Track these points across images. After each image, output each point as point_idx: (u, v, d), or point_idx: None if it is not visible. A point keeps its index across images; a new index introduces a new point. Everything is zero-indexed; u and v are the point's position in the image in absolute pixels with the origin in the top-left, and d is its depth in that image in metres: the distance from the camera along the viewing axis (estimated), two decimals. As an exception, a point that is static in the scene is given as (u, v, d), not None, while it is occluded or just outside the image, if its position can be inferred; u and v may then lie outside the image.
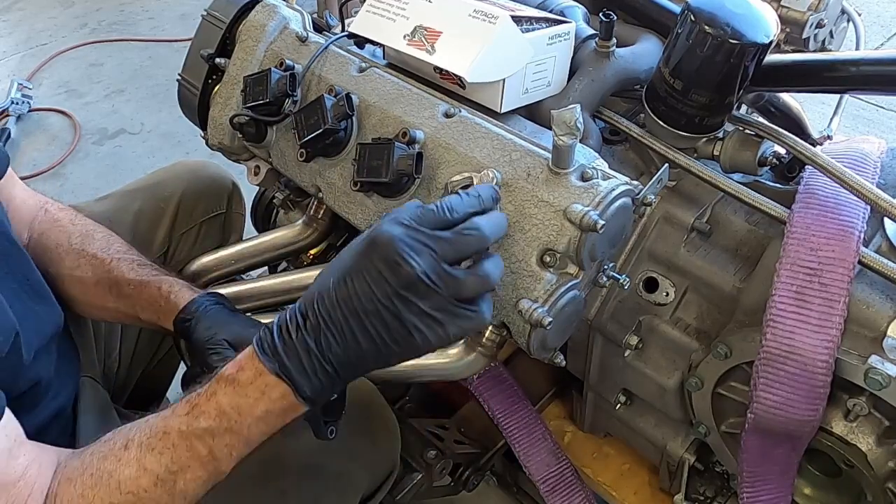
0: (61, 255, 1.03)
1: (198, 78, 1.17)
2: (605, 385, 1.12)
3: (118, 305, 1.01)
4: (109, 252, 1.03)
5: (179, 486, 0.71)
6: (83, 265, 1.02)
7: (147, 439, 0.71)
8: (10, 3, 3.72)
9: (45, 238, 1.04)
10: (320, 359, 0.67)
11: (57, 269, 1.02)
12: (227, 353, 0.87)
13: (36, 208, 1.07)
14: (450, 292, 0.65)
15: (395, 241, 0.64)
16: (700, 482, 1.11)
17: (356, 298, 0.65)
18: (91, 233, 1.06)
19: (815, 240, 0.82)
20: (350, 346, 0.66)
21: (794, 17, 1.17)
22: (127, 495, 0.70)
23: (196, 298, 0.96)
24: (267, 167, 1.14)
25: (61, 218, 1.07)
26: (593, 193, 0.77)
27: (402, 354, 0.68)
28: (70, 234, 1.04)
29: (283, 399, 0.69)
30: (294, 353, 0.67)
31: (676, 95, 0.89)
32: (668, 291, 1.00)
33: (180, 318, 0.95)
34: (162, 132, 2.79)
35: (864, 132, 2.54)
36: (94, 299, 1.02)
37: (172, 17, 3.57)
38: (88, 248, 1.03)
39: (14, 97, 2.83)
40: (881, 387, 0.77)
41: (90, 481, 0.70)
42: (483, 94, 0.92)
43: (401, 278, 0.64)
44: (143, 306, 0.99)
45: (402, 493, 1.20)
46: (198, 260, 1.19)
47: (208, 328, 0.92)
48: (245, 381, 0.69)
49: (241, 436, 0.70)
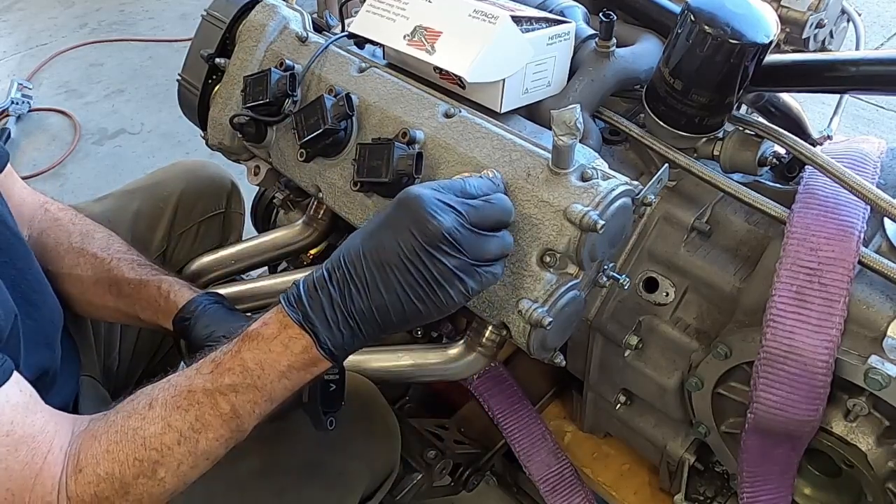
0: (61, 253, 1.03)
1: (198, 78, 1.17)
2: (605, 385, 1.12)
3: (118, 304, 1.01)
4: (109, 251, 1.03)
5: (202, 446, 0.72)
6: (83, 264, 1.02)
7: (172, 398, 0.72)
8: (10, 3, 3.72)
9: (45, 236, 1.04)
10: (343, 310, 0.68)
11: (56, 268, 1.02)
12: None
13: (36, 206, 1.07)
14: (473, 252, 0.68)
15: (424, 200, 0.67)
16: (700, 482, 1.11)
17: (383, 251, 0.67)
18: (91, 232, 1.06)
19: (815, 240, 0.82)
20: (374, 298, 0.68)
21: (794, 17, 1.17)
22: (151, 451, 0.71)
23: (195, 298, 0.97)
24: (267, 167, 1.14)
25: (61, 217, 1.07)
26: (593, 193, 0.77)
27: (423, 311, 0.69)
28: (70, 233, 1.05)
29: (305, 353, 0.70)
30: (318, 305, 0.69)
31: (676, 95, 0.89)
32: (668, 291, 1.00)
33: (179, 317, 0.95)
34: (162, 132, 2.79)
35: (864, 132, 2.55)
36: (93, 298, 1.02)
37: (172, 17, 3.57)
38: (88, 247, 1.03)
39: (14, 97, 2.83)
40: (881, 387, 0.77)
41: (115, 437, 0.71)
42: (483, 94, 0.92)
43: (427, 234, 0.66)
44: (142, 305, 1.00)
45: (402, 493, 1.20)
46: (198, 260, 1.20)
47: (206, 326, 0.93)
48: (269, 336, 0.71)
49: (264, 391, 0.71)
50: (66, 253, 1.03)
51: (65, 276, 1.03)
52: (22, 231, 1.03)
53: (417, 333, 1.07)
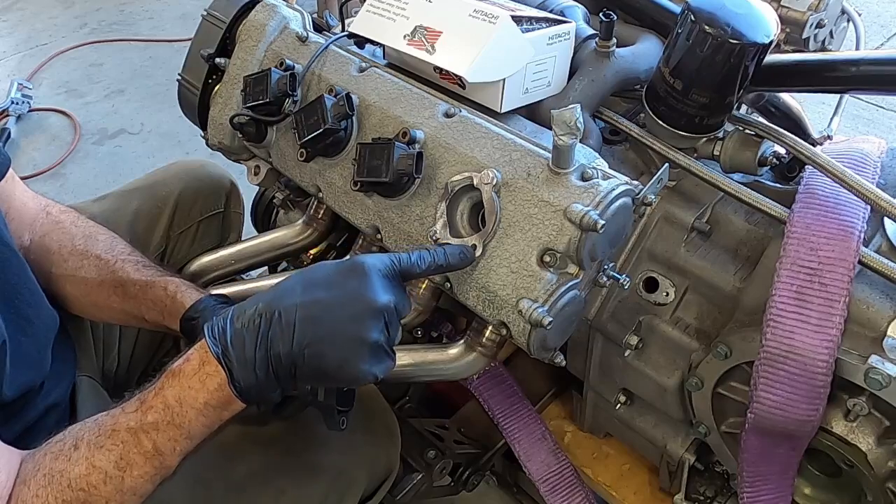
0: (64, 256, 1.03)
1: (198, 78, 1.17)
2: (605, 385, 1.12)
3: (123, 306, 1.01)
4: (114, 253, 1.03)
5: (128, 483, 0.72)
6: (87, 266, 1.02)
7: (96, 437, 0.73)
8: (10, 3, 3.72)
9: (48, 240, 1.04)
10: (264, 352, 0.69)
11: (60, 271, 1.02)
12: None
13: (37, 210, 1.07)
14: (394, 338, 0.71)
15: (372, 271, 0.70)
16: (700, 482, 1.11)
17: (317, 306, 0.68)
18: (94, 234, 1.06)
19: (815, 240, 0.82)
20: (295, 348, 0.68)
21: (794, 17, 1.17)
22: (78, 492, 0.71)
23: (202, 298, 0.96)
24: (267, 167, 1.14)
25: (63, 220, 1.07)
26: (593, 193, 0.77)
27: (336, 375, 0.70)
28: (73, 235, 1.05)
29: (220, 390, 0.70)
30: (240, 341, 0.69)
31: (676, 95, 0.89)
32: (668, 291, 1.00)
33: (186, 317, 0.95)
34: (162, 132, 2.79)
35: (864, 132, 2.54)
36: (98, 300, 1.02)
37: (172, 17, 3.57)
38: (92, 249, 1.03)
39: (14, 97, 2.83)
40: (881, 387, 0.77)
41: (43, 481, 0.72)
42: (483, 94, 0.92)
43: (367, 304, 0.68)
44: (148, 307, 0.99)
45: (402, 493, 1.20)
46: (198, 260, 1.19)
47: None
48: (189, 372, 0.71)
49: (183, 429, 0.72)
50: (70, 256, 1.03)
51: (68, 278, 1.02)
52: (23, 235, 1.03)
53: (417, 333, 1.07)
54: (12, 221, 0.99)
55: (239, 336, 0.70)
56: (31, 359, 0.89)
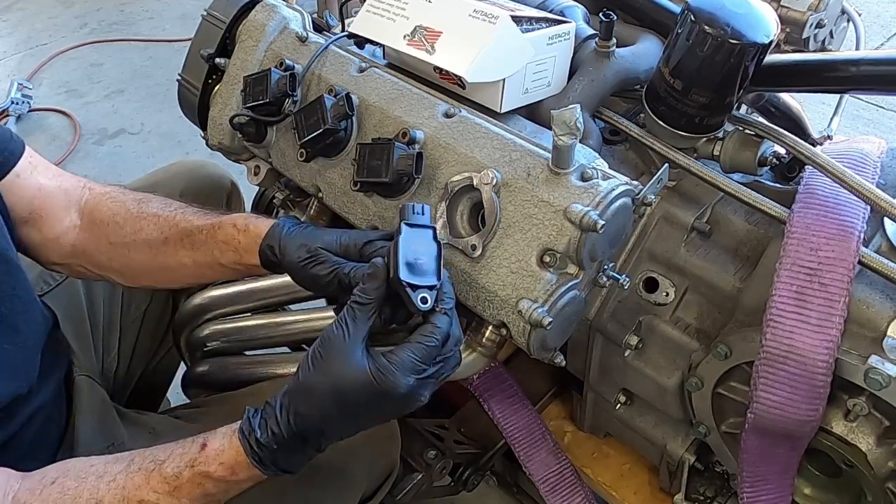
0: (119, 223, 0.98)
1: (198, 78, 1.17)
2: (605, 385, 1.12)
3: (195, 257, 0.95)
4: (171, 209, 0.98)
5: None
6: (146, 227, 0.97)
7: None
8: (10, 3, 3.72)
9: (98, 213, 1.00)
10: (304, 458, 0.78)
11: (118, 239, 0.98)
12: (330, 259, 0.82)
13: (79, 188, 1.02)
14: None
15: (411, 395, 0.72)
16: (700, 482, 1.11)
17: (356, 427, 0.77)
18: (145, 198, 1.01)
19: (815, 240, 0.82)
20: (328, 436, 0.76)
21: (794, 17, 1.17)
22: None
23: (278, 222, 0.89)
24: (267, 167, 1.14)
25: (109, 190, 1.03)
26: (593, 193, 0.77)
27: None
28: (124, 201, 1.00)
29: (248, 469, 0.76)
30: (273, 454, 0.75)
31: (676, 95, 0.89)
32: (668, 291, 1.00)
33: (266, 245, 0.87)
34: (162, 132, 2.79)
35: (864, 132, 2.55)
36: (166, 259, 0.97)
37: (172, 17, 3.57)
38: (146, 209, 0.98)
39: (14, 97, 2.83)
40: (881, 387, 0.77)
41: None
42: (483, 94, 0.92)
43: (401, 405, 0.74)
44: (221, 249, 0.93)
45: (402, 493, 1.20)
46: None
47: (299, 246, 0.84)
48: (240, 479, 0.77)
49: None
50: (126, 221, 0.98)
51: (129, 244, 0.97)
52: (64, 219, 1.00)
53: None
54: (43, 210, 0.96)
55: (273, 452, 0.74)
56: (16, 367, 0.87)
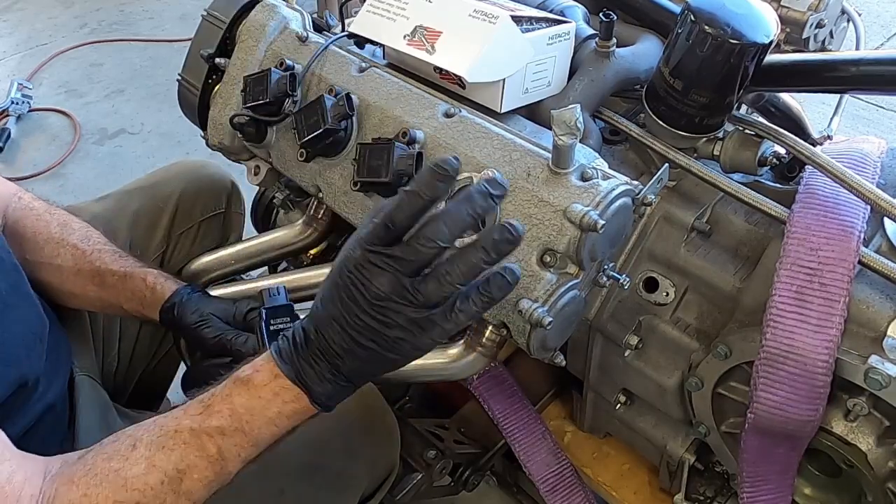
0: (40, 243, 1.04)
1: (198, 78, 1.17)
2: (605, 385, 1.12)
3: (100, 294, 1.03)
4: (90, 243, 1.05)
5: (185, 486, 0.71)
6: (63, 255, 1.04)
7: (157, 437, 0.72)
8: (10, 3, 3.71)
9: (21, 226, 1.05)
10: (332, 370, 0.69)
11: (35, 258, 1.04)
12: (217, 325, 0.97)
13: (9, 195, 1.08)
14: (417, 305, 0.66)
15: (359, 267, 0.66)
16: (700, 482, 1.11)
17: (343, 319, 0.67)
18: (69, 223, 1.07)
19: (815, 240, 0.82)
20: (354, 359, 0.68)
21: (794, 17, 1.17)
22: (133, 492, 0.70)
23: (180, 289, 1.00)
24: (267, 167, 1.14)
25: (37, 207, 1.08)
26: (593, 193, 0.77)
27: (400, 360, 0.69)
28: (48, 223, 1.06)
29: (295, 402, 0.71)
30: (308, 362, 0.70)
31: (676, 95, 0.89)
32: (668, 291, 1.00)
33: (166, 308, 0.99)
34: (162, 132, 2.79)
35: (864, 132, 2.54)
36: (74, 288, 1.04)
37: (172, 17, 3.57)
38: (68, 237, 1.05)
39: (14, 97, 2.82)
40: (881, 387, 0.77)
41: (94, 480, 0.70)
42: (483, 94, 0.92)
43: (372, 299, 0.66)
44: (127, 297, 1.02)
45: (402, 493, 1.20)
46: (198, 260, 1.20)
47: (194, 311, 0.98)
48: (260, 383, 0.71)
49: (251, 436, 0.72)
50: (46, 243, 1.04)
51: (44, 266, 1.04)
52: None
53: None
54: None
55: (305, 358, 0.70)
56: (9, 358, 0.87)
